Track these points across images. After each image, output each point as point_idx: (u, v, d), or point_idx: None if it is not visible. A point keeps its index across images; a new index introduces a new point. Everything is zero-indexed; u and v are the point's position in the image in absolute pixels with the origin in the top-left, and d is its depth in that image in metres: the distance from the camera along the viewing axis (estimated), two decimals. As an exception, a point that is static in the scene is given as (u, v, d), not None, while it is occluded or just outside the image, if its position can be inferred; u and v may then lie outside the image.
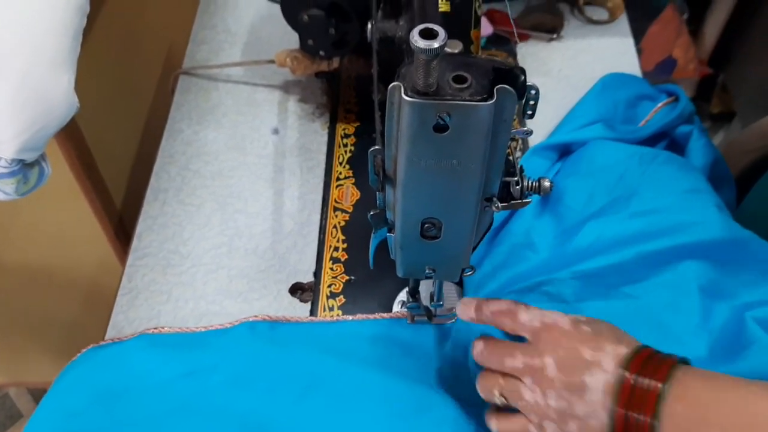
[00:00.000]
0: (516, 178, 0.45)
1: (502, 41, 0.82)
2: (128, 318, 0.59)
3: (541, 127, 0.74)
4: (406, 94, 0.36)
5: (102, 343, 0.57)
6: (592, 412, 0.41)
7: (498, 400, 0.45)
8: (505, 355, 0.45)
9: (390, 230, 0.47)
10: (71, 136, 0.72)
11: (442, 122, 0.36)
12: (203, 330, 0.57)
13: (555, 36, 0.83)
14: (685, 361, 0.42)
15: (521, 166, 0.45)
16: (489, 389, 0.46)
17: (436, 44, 0.33)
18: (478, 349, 0.47)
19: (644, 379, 0.40)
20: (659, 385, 0.39)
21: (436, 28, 0.34)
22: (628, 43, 0.83)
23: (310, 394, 0.52)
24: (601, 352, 0.42)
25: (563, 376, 0.42)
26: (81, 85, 0.72)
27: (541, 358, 0.43)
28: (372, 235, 0.49)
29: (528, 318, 0.46)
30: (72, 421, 0.52)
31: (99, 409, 0.52)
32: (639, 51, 0.84)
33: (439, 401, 0.52)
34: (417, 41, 0.34)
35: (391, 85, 0.37)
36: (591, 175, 0.61)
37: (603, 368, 0.41)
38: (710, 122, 1.64)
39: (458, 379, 0.53)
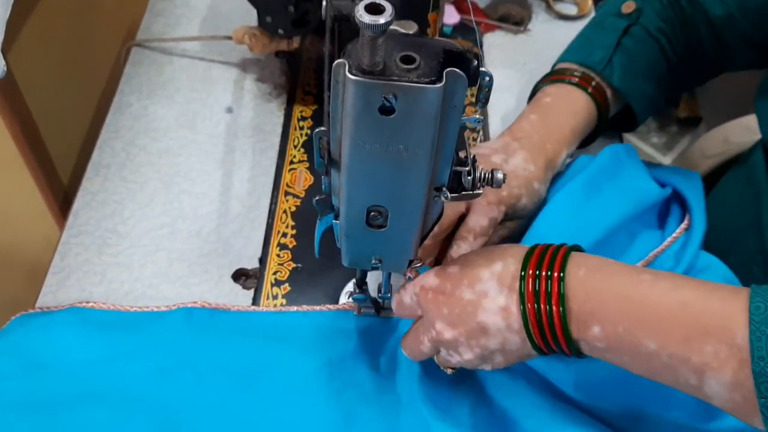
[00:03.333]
0: (467, 168, 0.43)
1: (469, 31, 0.80)
2: (57, 299, 0.56)
3: (503, 119, 0.73)
4: (351, 72, 0.33)
5: (31, 311, 0.54)
6: (503, 340, 0.42)
7: (450, 372, 0.48)
8: (418, 345, 0.46)
9: (336, 217, 0.45)
10: (15, 107, 0.69)
11: (388, 104, 0.34)
12: (137, 310, 0.54)
13: (522, 29, 0.82)
14: (577, 248, 0.43)
15: (474, 156, 0.44)
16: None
17: (382, 20, 0.31)
18: (407, 354, 0.49)
19: (544, 272, 0.41)
20: (558, 274, 0.40)
21: (383, 3, 0.32)
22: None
23: (241, 389, 0.50)
24: (480, 282, 0.42)
25: (459, 330, 0.42)
26: (28, 56, 0.69)
27: (434, 327, 0.43)
28: (317, 221, 0.47)
29: (408, 298, 0.46)
30: None
31: (20, 379, 0.50)
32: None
33: (368, 413, 0.50)
34: (362, 16, 0.31)
35: (335, 62, 0.34)
36: None
37: (489, 297, 0.41)
38: (677, 126, 1.66)
39: (401, 374, 0.52)
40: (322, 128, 0.40)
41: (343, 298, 0.58)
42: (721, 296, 0.36)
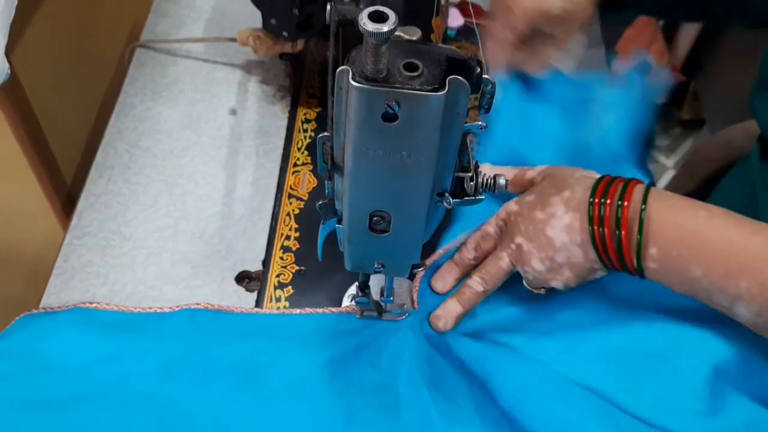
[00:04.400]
0: (470, 174, 0.43)
1: (473, 34, 0.80)
2: (60, 300, 0.56)
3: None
4: (354, 80, 0.34)
5: (35, 311, 0.55)
6: (569, 253, 0.49)
7: (537, 291, 0.53)
8: (498, 262, 0.52)
9: (339, 221, 0.46)
10: (18, 108, 0.69)
11: (391, 111, 0.35)
12: (140, 311, 0.54)
13: (526, 32, 0.82)
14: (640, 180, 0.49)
15: (476, 162, 0.44)
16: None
17: (385, 28, 0.31)
18: (475, 283, 0.53)
19: (609, 199, 0.47)
20: (626, 203, 0.46)
21: (386, 11, 0.32)
22: (598, 41, 0.82)
23: (243, 390, 0.50)
24: (550, 206, 0.50)
25: (533, 243, 0.50)
26: (32, 57, 0.69)
27: (514, 241, 0.51)
28: (321, 225, 0.48)
29: (492, 228, 0.54)
30: None
31: (24, 379, 0.50)
32: (613, 54, 0.83)
33: (370, 413, 0.50)
34: (366, 24, 0.32)
35: (339, 68, 0.35)
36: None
37: (557, 217, 0.49)
38: (680, 128, 1.66)
39: (403, 374, 0.52)
40: (326, 133, 0.40)
41: (346, 301, 0.58)
42: (759, 241, 0.43)
